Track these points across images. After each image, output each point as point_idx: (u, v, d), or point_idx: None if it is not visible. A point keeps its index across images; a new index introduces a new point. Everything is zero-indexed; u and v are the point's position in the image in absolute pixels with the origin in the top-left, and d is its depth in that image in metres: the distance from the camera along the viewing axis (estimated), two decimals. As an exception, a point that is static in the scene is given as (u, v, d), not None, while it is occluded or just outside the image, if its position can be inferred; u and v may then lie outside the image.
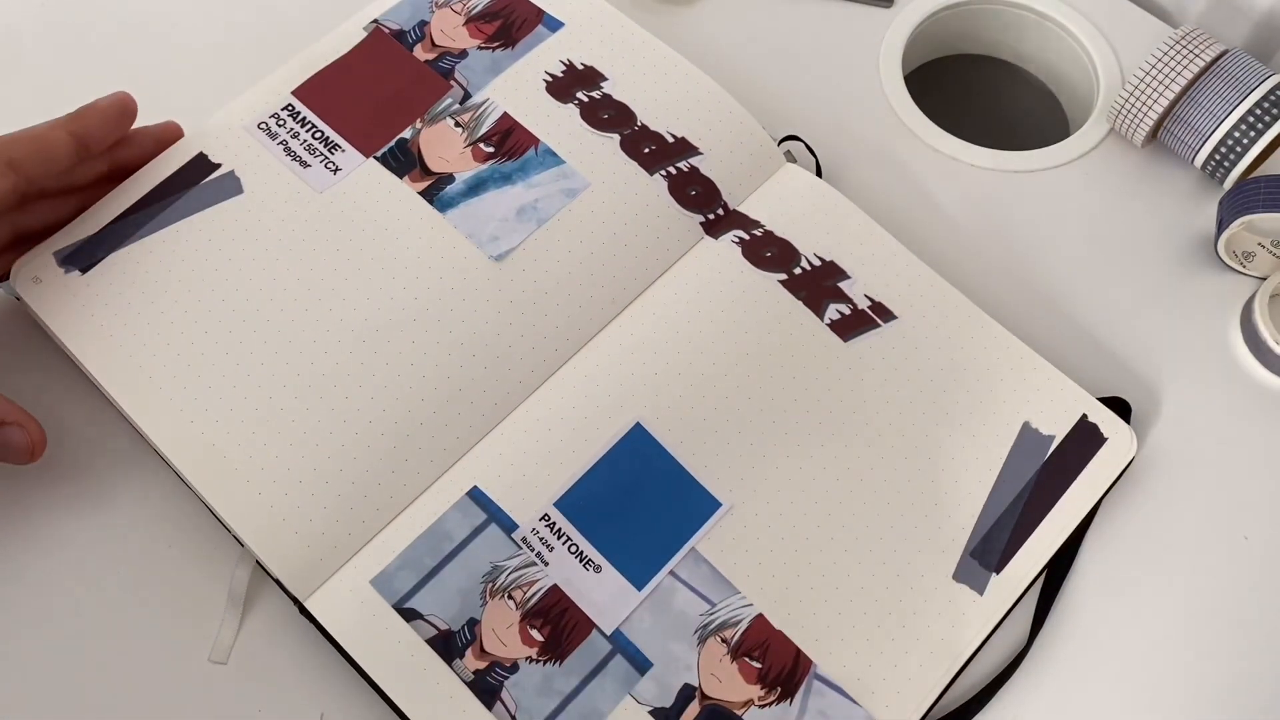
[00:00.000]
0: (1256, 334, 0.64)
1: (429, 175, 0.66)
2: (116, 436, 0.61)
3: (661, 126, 0.68)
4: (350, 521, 0.57)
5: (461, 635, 0.55)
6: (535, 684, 0.54)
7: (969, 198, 0.70)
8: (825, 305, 0.64)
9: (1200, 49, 0.66)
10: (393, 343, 0.61)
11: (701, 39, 0.75)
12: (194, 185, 0.65)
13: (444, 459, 0.59)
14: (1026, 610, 0.59)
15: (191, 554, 0.59)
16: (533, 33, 0.71)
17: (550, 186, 0.66)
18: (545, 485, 0.58)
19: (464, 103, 0.68)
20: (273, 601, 0.58)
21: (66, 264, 0.63)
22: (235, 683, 0.56)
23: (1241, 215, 0.64)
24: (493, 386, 0.61)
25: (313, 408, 0.59)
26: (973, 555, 0.58)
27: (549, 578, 0.56)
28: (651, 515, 0.58)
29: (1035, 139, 0.81)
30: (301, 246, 0.63)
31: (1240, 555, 0.60)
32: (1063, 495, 0.59)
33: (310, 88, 0.68)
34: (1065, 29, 0.76)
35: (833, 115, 0.73)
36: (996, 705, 0.57)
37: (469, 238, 0.64)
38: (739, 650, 0.56)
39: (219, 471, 0.58)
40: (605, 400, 0.60)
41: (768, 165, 0.68)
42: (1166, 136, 0.69)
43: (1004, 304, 0.67)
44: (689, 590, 0.57)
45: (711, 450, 0.60)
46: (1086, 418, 0.61)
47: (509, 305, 0.62)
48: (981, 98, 0.86)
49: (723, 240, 0.65)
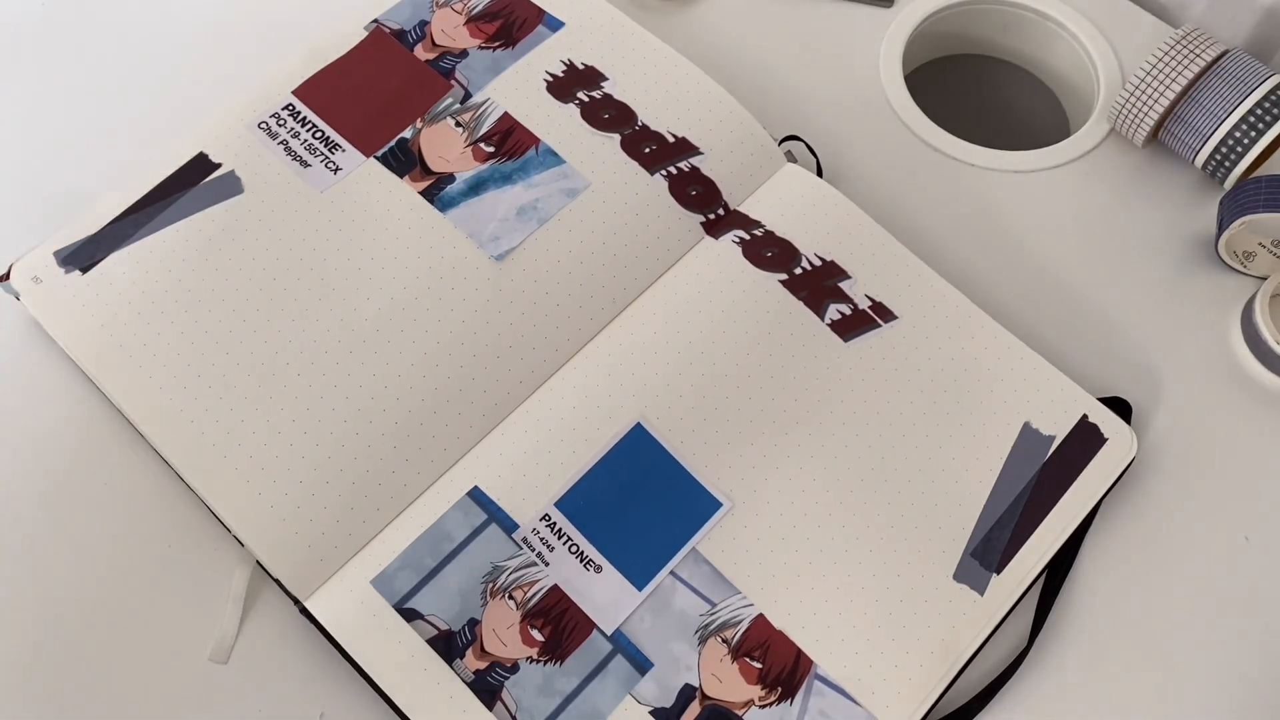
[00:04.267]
0: (1257, 334, 0.64)
1: (429, 175, 0.66)
2: (116, 436, 0.61)
3: (662, 126, 0.68)
4: (350, 521, 0.57)
5: (462, 635, 0.55)
6: (535, 684, 0.54)
7: (969, 198, 0.70)
8: (826, 305, 0.64)
9: (1200, 49, 0.66)
10: (393, 343, 0.61)
11: (701, 39, 0.75)
12: (194, 185, 0.65)
13: (444, 459, 0.59)
14: (1027, 610, 0.59)
15: (191, 554, 0.59)
16: (533, 32, 0.71)
17: (550, 186, 0.66)
18: (545, 485, 0.58)
19: (464, 102, 0.68)
20: (273, 601, 0.58)
21: (66, 264, 0.63)
22: (235, 683, 0.56)
23: (1242, 215, 0.64)
24: (493, 386, 0.61)
25: (313, 408, 0.59)
26: (973, 555, 0.58)
27: (549, 578, 0.56)
28: (652, 515, 0.58)
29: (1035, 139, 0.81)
30: (302, 246, 0.63)
31: (1240, 555, 0.60)
32: (1063, 495, 0.59)
33: (311, 87, 0.68)
34: (1065, 29, 0.76)
35: (833, 115, 0.73)
36: (996, 705, 0.57)
37: (469, 237, 0.64)
38: (739, 650, 0.56)
39: (219, 472, 0.58)
40: (605, 400, 0.60)
41: (768, 165, 0.68)
42: (1167, 136, 0.69)
43: (1004, 304, 0.67)
44: (689, 590, 0.57)
45: (712, 450, 0.60)
46: (1087, 418, 0.61)
47: (509, 305, 0.62)
48: (981, 98, 0.86)
49: (723, 240, 0.65)
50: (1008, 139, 0.79)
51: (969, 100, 0.86)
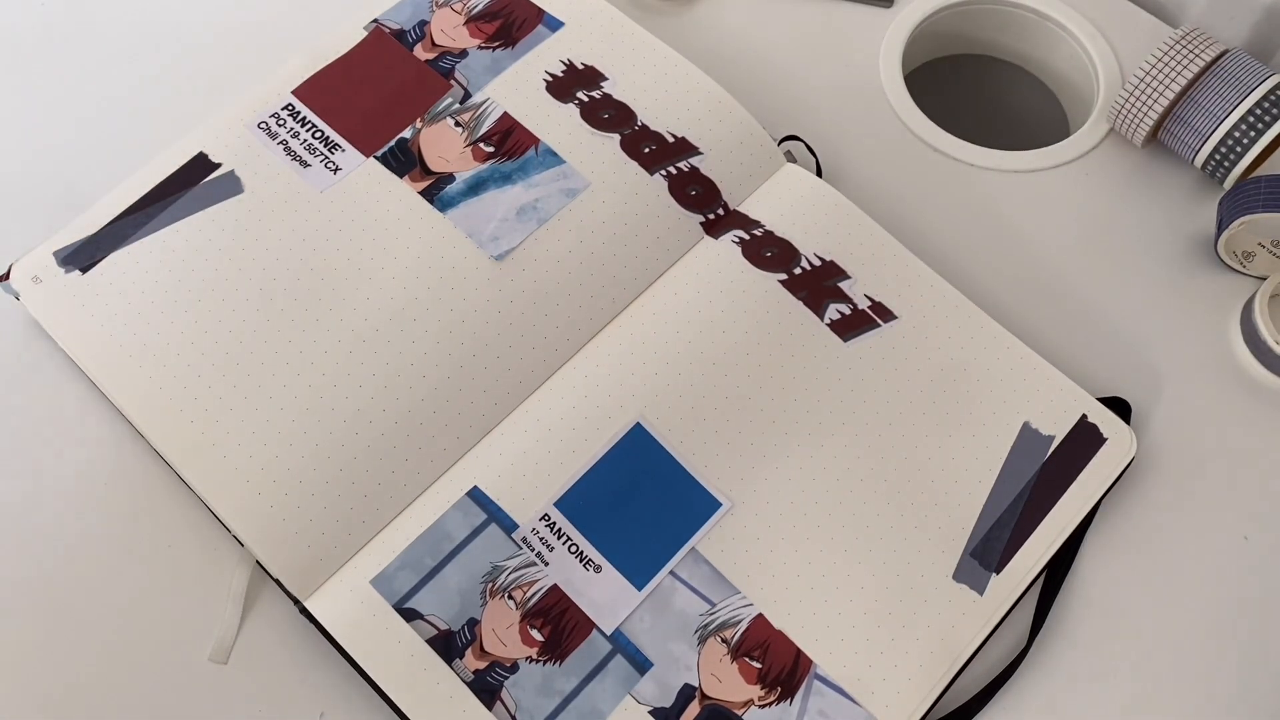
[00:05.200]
0: (1256, 334, 0.64)
1: (429, 175, 0.66)
2: (116, 436, 0.61)
3: (662, 126, 0.68)
4: (350, 521, 0.57)
5: (461, 635, 0.55)
6: (535, 684, 0.54)
7: (969, 198, 0.70)
8: (825, 305, 0.64)
9: (1200, 49, 0.66)
10: (393, 343, 0.61)
11: (701, 39, 0.75)
12: (194, 185, 0.65)
13: (444, 459, 0.59)
14: (1026, 610, 0.59)
15: (191, 554, 0.59)
16: (533, 32, 0.71)
17: (550, 186, 0.66)
18: (545, 485, 0.58)
19: (464, 102, 0.68)
20: (273, 601, 0.58)
21: (66, 264, 0.63)
22: (235, 683, 0.56)
23: (1241, 215, 0.64)
24: (493, 386, 0.61)
25: (313, 408, 0.59)
26: (973, 555, 0.58)
27: (549, 578, 0.56)
28: (651, 515, 0.58)
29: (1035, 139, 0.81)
30: (302, 246, 0.63)
31: (1240, 555, 0.60)
32: (1063, 495, 0.59)
33: (310, 87, 0.68)
34: (1065, 29, 0.76)
35: (833, 115, 0.73)
36: (996, 705, 0.57)
37: (469, 237, 0.64)
38: (739, 650, 0.56)
39: (219, 471, 0.58)
40: (605, 400, 0.60)
41: (768, 165, 0.68)
42: (1166, 136, 0.69)
43: (1004, 304, 0.67)
44: (689, 590, 0.57)
45: (712, 450, 0.60)
46: (1086, 418, 0.61)
47: (509, 305, 0.62)
48: (981, 98, 0.86)
49: (723, 240, 0.65)
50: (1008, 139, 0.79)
51: (969, 100, 0.86)
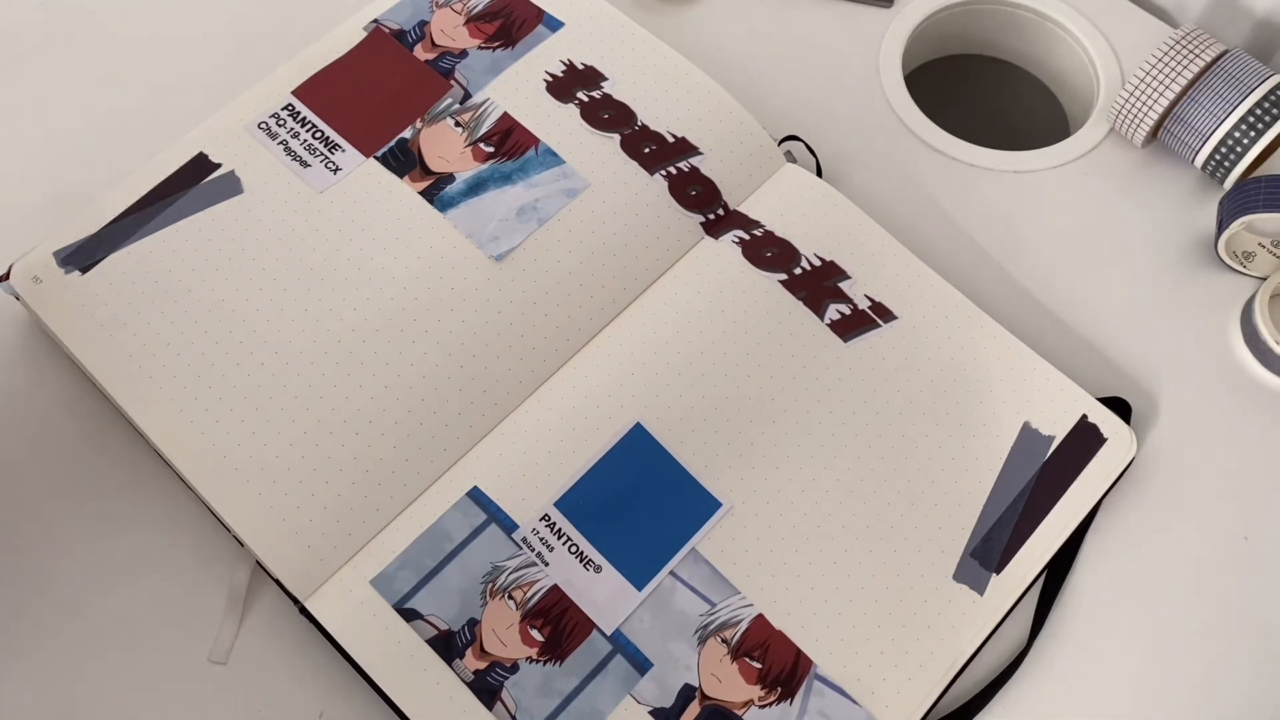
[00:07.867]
0: (1256, 334, 0.64)
1: (429, 175, 0.66)
2: (116, 436, 0.61)
3: (662, 126, 0.68)
4: (350, 521, 0.57)
5: (461, 635, 0.55)
6: (535, 684, 0.54)
7: (969, 198, 0.70)
8: (825, 305, 0.64)
9: (1200, 49, 0.66)
10: (393, 343, 0.61)
11: (701, 39, 0.75)
12: (194, 185, 0.65)
13: (444, 459, 0.59)
14: (1026, 610, 0.59)
15: (191, 554, 0.59)
16: (533, 32, 0.71)
17: (550, 186, 0.66)
18: (545, 485, 0.58)
19: (464, 102, 0.68)
20: (273, 601, 0.58)
21: (66, 264, 0.63)
22: (235, 683, 0.56)
23: (1241, 215, 0.64)
24: (493, 386, 0.61)
25: (313, 408, 0.59)
26: (973, 555, 0.58)
27: (549, 578, 0.56)
28: (651, 515, 0.58)
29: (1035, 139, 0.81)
30: (301, 246, 0.63)
31: (1240, 555, 0.60)
32: (1063, 495, 0.59)
33: (310, 87, 0.68)
34: (1065, 29, 0.76)
35: (833, 115, 0.73)
36: (996, 705, 0.57)
37: (469, 238, 0.64)
38: (739, 650, 0.56)
39: (219, 471, 0.58)
40: (605, 400, 0.60)
41: (768, 165, 0.68)
42: (1166, 136, 0.69)
43: (1004, 304, 0.67)
44: (689, 590, 0.57)
45: (712, 450, 0.60)
46: (1086, 418, 0.61)
47: (509, 305, 0.62)
48: (981, 98, 0.86)
49: (723, 240, 0.65)
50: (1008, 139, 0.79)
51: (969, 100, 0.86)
